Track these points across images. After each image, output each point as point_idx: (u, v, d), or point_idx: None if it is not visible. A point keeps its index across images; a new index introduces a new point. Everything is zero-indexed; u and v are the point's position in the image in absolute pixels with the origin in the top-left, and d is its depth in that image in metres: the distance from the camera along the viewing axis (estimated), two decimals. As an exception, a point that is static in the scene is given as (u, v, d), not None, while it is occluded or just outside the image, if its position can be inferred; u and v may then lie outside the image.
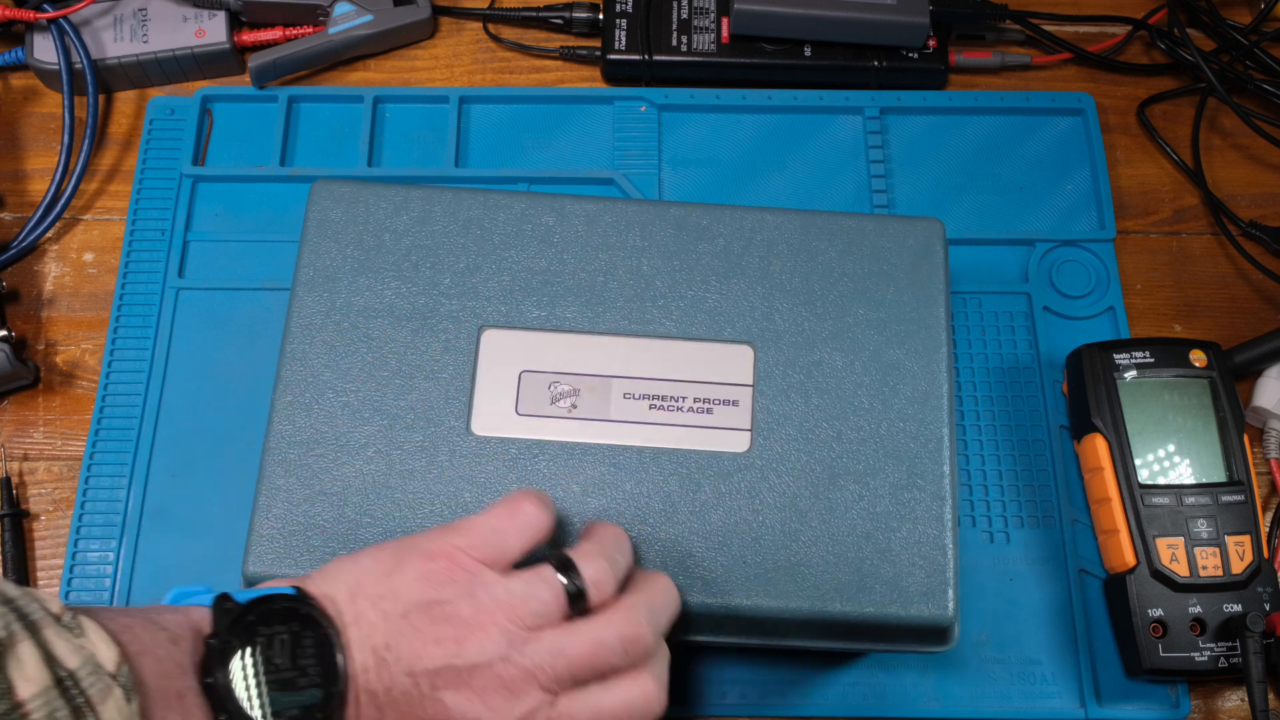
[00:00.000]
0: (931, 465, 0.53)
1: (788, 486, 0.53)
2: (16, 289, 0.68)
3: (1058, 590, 0.61)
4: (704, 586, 0.51)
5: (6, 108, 0.73)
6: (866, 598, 0.51)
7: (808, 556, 0.52)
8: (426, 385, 0.54)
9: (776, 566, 0.51)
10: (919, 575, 0.51)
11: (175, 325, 0.66)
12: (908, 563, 0.52)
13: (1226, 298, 0.70)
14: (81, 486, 0.62)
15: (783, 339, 0.55)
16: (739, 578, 0.51)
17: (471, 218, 0.57)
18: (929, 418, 0.54)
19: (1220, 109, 0.75)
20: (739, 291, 0.56)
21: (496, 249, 0.57)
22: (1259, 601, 0.57)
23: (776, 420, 0.54)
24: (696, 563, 0.52)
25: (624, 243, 0.57)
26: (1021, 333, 0.67)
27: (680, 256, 0.57)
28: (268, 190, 0.70)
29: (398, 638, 0.43)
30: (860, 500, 0.53)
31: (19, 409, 0.65)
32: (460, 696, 0.43)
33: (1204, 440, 0.59)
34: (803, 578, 0.51)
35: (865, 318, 0.56)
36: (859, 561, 0.51)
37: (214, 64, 0.73)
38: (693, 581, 0.51)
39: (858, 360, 0.55)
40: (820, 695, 0.59)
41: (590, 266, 0.56)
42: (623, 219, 0.58)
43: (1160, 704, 0.59)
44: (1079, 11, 0.78)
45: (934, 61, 0.73)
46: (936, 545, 0.52)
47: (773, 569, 0.51)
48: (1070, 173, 0.72)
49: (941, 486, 0.53)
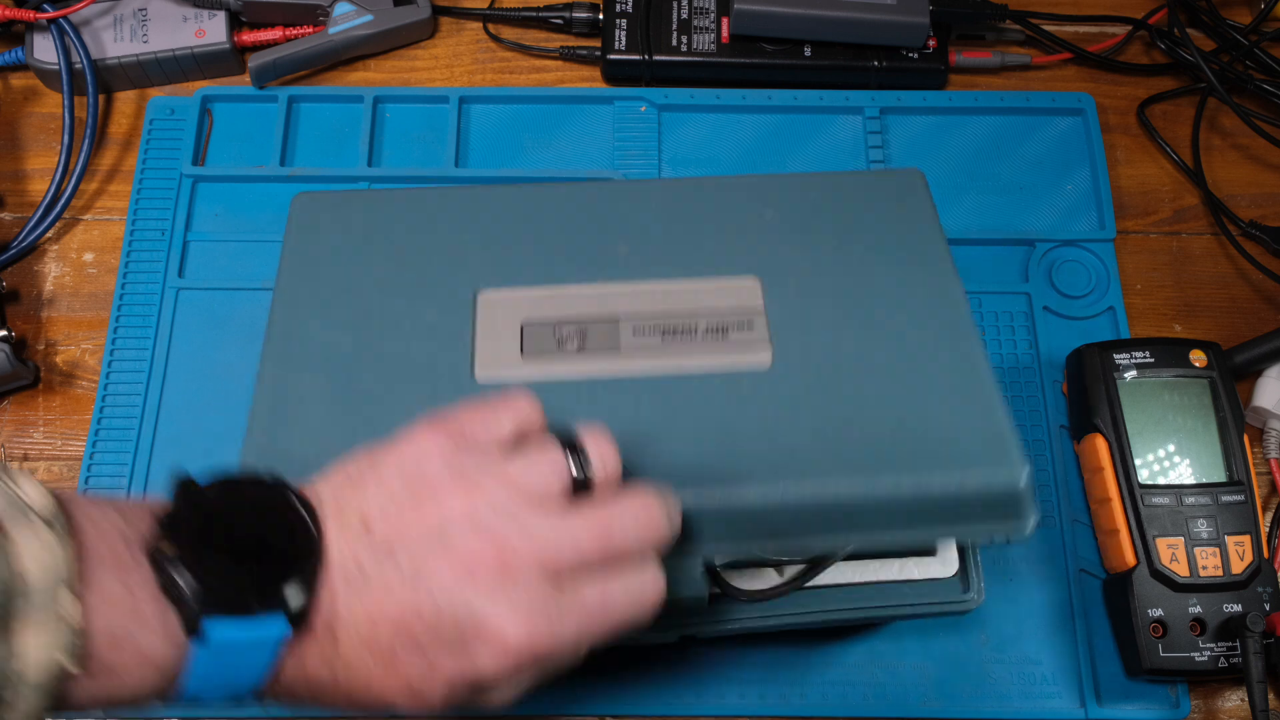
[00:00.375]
0: (965, 345, 0.51)
1: (821, 388, 0.50)
2: (16, 289, 0.68)
3: (1058, 590, 0.61)
4: (748, 479, 0.47)
5: (6, 108, 0.73)
6: (925, 463, 0.47)
7: (856, 436, 0.48)
8: (425, 344, 0.51)
9: (825, 454, 0.48)
10: (977, 438, 0.48)
11: (175, 325, 0.66)
12: (964, 427, 0.48)
13: (1226, 298, 0.70)
14: (81, 486, 0.62)
15: (788, 269, 0.54)
16: (786, 468, 0.47)
17: (460, 206, 0.57)
18: (950, 312, 0.52)
19: (1220, 109, 0.75)
20: (736, 234, 0.55)
21: (486, 228, 0.56)
22: (1259, 601, 0.57)
23: (795, 334, 0.51)
24: (733, 472, 0.47)
25: (616, 210, 0.56)
26: (1021, 333, 0.67)
27: (674, 213, 0.56)
28: (268, 190, 0.70)
29: (380, 513, 0.39)
30: (898, 382, 0.50)
31: (19, 409, 0.65)
32: (448, 574, 0.37)
33: (1204, 440, 0.59)
34: (853, 454, 0.48)
35: (866, 242, 0.55)
36: (911, 431, 0.48)
37: (214, 64, 0.73)
38: (734, 478, 0.47)
39: (867, 278, 0.53)
40: (820, 695, 0.59)
41: (584, 232, 0.55)
42: (613, 192, 0.58)
43: (1160, 704, 0.59)
44: (1079, 11, 0.78)
45: (934, 61, 0.73)
46: (989, 409, 0.48)
47: (821, 456, 0.48)
48: (1070, 173, 0.72)
49: (979, 359, 0.50)
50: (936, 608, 0.53)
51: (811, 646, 0.60)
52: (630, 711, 0.58)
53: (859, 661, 0.59)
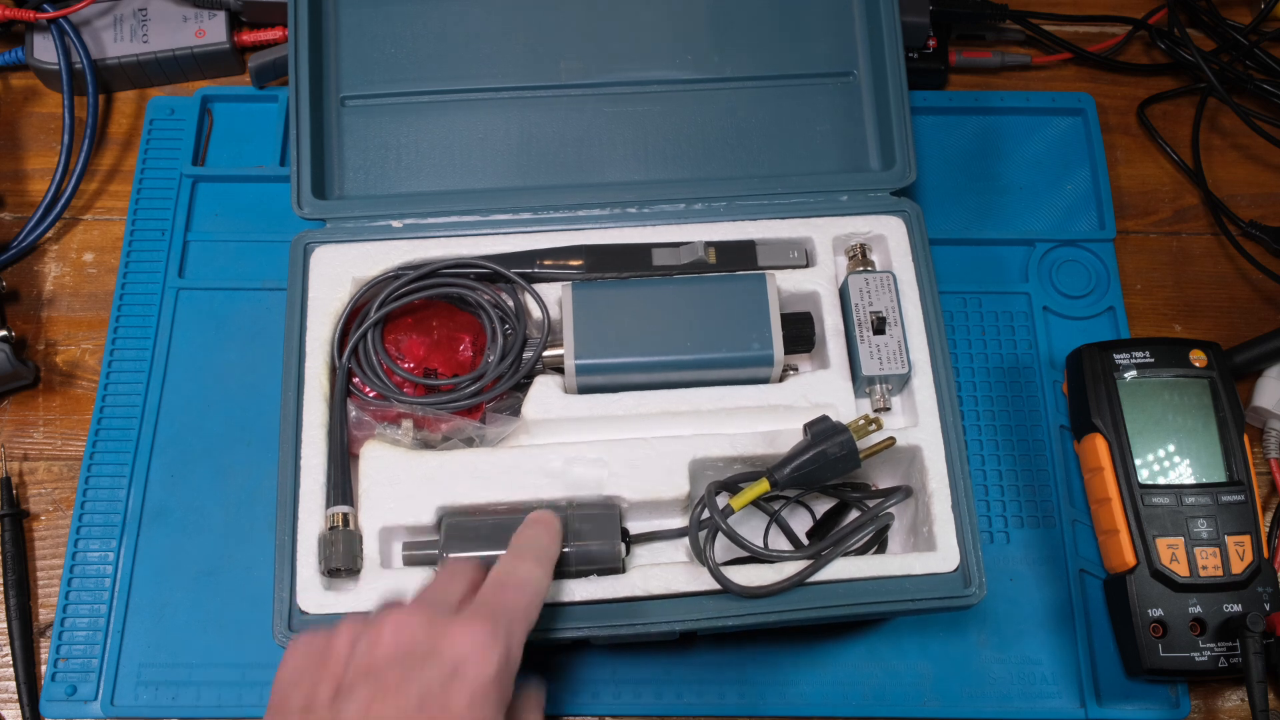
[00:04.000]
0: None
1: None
2: (16, 289, 0.68)
3: (1058, 590, 0.61)
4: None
5: (6, 108, 0.73)
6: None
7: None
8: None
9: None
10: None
11: (175, 325, 0.66)
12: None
13: (1226, 298, 0.70)
14: (81, 486, 0.62)
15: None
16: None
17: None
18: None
19: (1220, 109, 0.75)
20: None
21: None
22: (1259, 601, 0.57)
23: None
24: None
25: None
26: (1021, 333, 0.67)
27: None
28: (268, 190, 0.70)
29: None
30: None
31: (19, 409, 0.65)
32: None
33: (1204, 440, 0.59)
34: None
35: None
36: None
37: (214, 64, 0.73)
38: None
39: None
40: (820, 695, 0.59)
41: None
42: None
43: (1160, 704, 0.59)
44: (1079, 11, 0.78)
45: (934, 61, 0.73)
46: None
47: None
48: (1070, 173, 0.72)
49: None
50: (938, 603, 0.53)
51: (811, 646, 0.60)
52: (630, 711, 0.58)
53: (858, 661, 0.59)
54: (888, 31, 0.63)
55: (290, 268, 0.59)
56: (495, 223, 0.61)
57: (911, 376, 0.57)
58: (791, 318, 0.58)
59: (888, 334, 0.58)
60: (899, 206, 0.61)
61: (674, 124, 0.64)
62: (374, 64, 0.64)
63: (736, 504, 0.52)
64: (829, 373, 0.58)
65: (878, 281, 0.59)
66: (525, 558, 0.48)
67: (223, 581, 0.60)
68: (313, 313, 0.58)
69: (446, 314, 0.60)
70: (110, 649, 0.59)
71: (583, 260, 0.59)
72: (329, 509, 0.54)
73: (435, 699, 0.41)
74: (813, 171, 0.63)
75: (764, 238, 0.61)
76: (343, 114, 0.64)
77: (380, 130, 0.64)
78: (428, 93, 0.64)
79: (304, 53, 0.62)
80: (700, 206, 0.61)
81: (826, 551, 0.53)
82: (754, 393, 0.57)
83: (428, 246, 0.60)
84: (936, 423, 0.56)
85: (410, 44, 0.64)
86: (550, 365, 0.58)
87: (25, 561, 0.61)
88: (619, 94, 0.64)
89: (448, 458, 0.56)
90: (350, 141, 0.63)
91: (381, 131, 0.64)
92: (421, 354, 0.58)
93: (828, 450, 0.52)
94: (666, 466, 0.56)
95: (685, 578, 0.53)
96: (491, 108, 0.64)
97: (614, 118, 0.64)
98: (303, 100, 0.61)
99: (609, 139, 0.64)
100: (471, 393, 0.57)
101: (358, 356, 0.57)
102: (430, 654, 0.42)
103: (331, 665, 0.43)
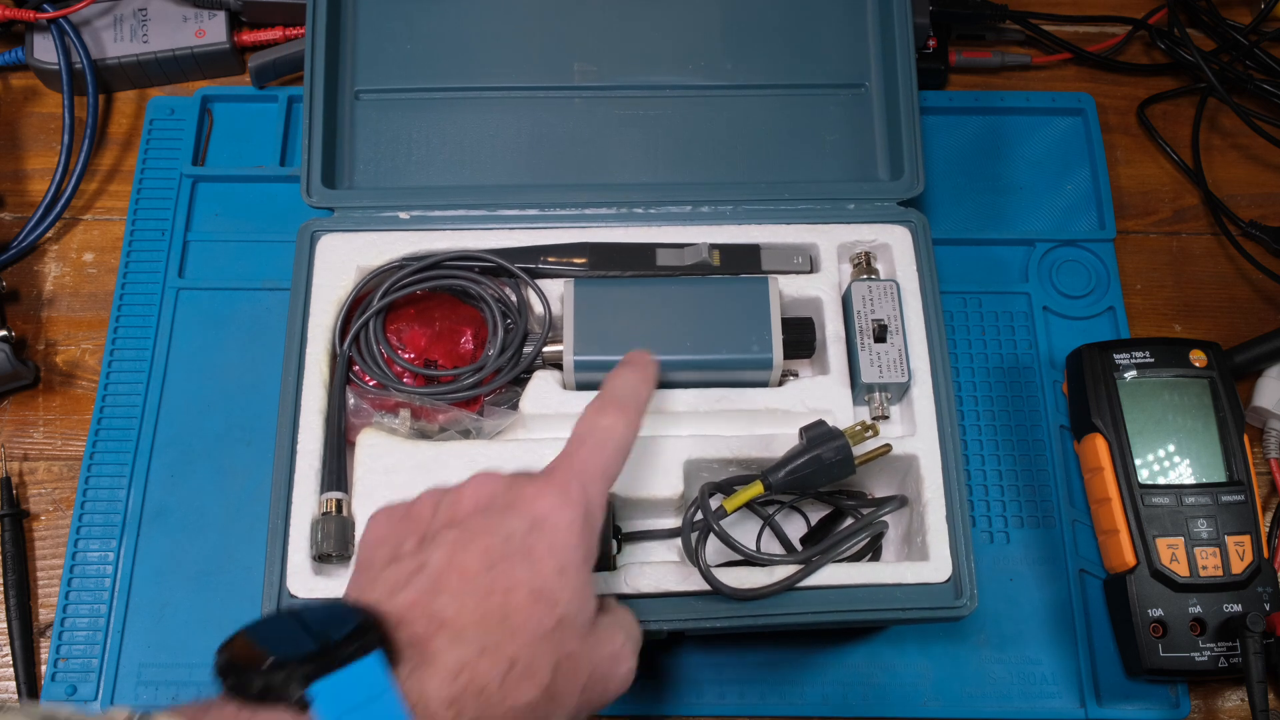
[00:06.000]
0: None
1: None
2: (16, 289, 0.68)
3: (1058, 590, 0.61)
4: None
5: (6, 108, 0.73)
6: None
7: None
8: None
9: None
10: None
11: (175, 325, 0.66)
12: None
13: (1226, 298, 0.70)
14: (81, 486, 0.62)
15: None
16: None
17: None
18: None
19: (1220, 109, 0.75)
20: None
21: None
22: (1259, 601, 0.57)
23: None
24: None
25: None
26: (1021, 333, 0.67)
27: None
28: (268, 190, 0.70)
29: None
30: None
31: (19, 409, 0.65)
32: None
33: (1204, 440, 0.59)
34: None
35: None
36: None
37: (214, 64, 0.73)
38: None
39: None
40: (820, 695, 0.59)
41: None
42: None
43: (1160, 704, 0.59)
44: (1079, 11, 0.78)
45: (934, 61, 0.73)
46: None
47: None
48: (1070, 173, 0.72)
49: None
50: (928, 613, 0.52)
51: (811, 647, 0.60)
52: (629, 711, 0.58)
53: (859, 662, 0.59)
54: (901, 46, 0.63)
55: (296, 254, 0.59)
56: (502, 218, 0.61)
57: (911, 385, 0.57)
58: (792, 322, 0.58)
59: (889, 342, 0.57)
60: (905, 216, 0.61)
61: (684, 128, 0.64)
62: (390, 59, 0.64)
63: (730, 506, 0.52)
64: (828, 379, 0.58)
65: (881, 290, 0.58)
66: (608, 408, 0.46)
67: (223, 581, 0.60)
68: (316, 300, 0.58)
69: (449, 306, 0.60)
70: (110, 649, 0.59)
71: (587, 258, 0.59)
72: (323, 494, 0.54)
73: (518, 544, 0.41)
74: (820, 179, 0.63)
75: (769, 242, 0.60)
76: (356, 107, 0.64)
77: (392, 124, 0.64)
78: (442, 89, 0.64)
79: (320, 45, 0.62)
80: (707, 209, 0.61)
81: (818, 557, 0.53)
82: (752, 396, 0.57)
83: (433, 239, 0.60)
84: (934, 432, 0.56)
85: (427, 42, 0.65)
86: (550, 361, 0.58)
87: (25, 561, 0.61)
88: (631, 97, 0.65)
89: (444, 448, 0.56)
90: (362, 134, 0.63)
91: (393, 125, 0.64)
92: (422, 345, 0.58)
93: (823, 455, 0.52)
94: (661, 466, 0.56)
95: (675, 578, 0.52)
96: (504, 106, 0.64)
97: (625, 120, 0.64)
98: (317, 91, 0.61)
99: (619, 141, 0.64)
100: (470, 385, 0.57)
101: (358, 344, 0.57)
102: (510, 507, 0.42)
103: (415, 523, 0.43)
